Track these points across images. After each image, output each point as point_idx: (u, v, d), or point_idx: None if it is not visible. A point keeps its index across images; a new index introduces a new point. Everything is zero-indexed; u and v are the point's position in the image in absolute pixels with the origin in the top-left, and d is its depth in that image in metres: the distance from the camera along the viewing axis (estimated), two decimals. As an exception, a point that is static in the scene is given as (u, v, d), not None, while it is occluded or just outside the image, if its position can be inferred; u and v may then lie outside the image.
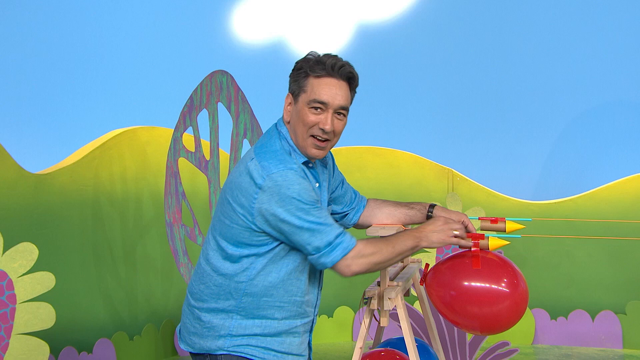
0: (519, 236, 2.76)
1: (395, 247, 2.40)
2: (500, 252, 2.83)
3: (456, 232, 2.46)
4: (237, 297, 2.39)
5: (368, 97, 6.78)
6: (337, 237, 2.34)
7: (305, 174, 2.43)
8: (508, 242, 2.68)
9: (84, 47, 6.47)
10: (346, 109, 2.43)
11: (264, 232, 2.35)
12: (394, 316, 3.92)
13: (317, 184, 2.49)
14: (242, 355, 2.40)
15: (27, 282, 3.58)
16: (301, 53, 7.95)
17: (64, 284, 4.16)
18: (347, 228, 2.80)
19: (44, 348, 3.65)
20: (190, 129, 4.37)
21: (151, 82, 6.24)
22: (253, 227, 2.34)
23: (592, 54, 6.59)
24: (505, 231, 2.73)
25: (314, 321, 2.56)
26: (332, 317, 5.81)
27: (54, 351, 4.11)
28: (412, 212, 2.75)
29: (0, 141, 3.88)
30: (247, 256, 2.38)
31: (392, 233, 2.62)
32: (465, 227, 2.69)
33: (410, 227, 2.84)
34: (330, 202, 2.70)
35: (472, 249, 2.63)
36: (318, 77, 2.38)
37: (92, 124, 6.00)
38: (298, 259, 2.42)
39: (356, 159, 5.80)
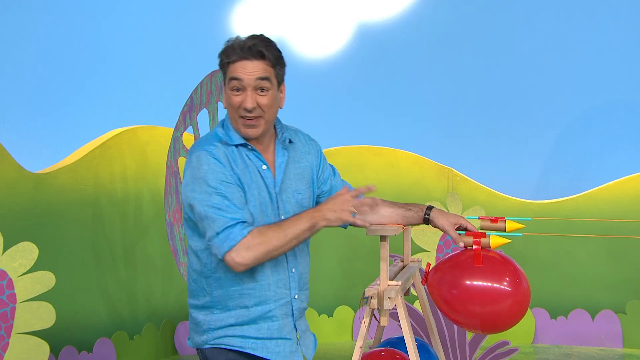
0: (520, 234, 2.76)
1: (288, 232, 2.38)
2: (500, 252, 2.83)
3: (353, 209, 2.40)
4: (210, 292, 2.44)
5: (368, 97, 6.79)
6: (225, 228, 2.33)
7: (238, 156, 2.43)
8: (509, 241, 2.68)
9: (84, 46, 6.47)
10: (265, 82, 2.44)
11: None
12: (394, 315, 3.92)
13: (265, 166, 2.47)
14: (223, 346, 2.44)
15: (27, 281, 3.58)
16: (302, 53, 7.94)
17: (64, 283, 4.16)
18: (344, 228, 2.77)
19: (44, 347, 3.65)
20: (190, 128, 4.37)
21: (151, 82, 6.23)
22: (191, 216, 2.40)
23: (593, 53, 6.59)
24: (505, 230, 2.73)
25: (299, 301, 2.52)
26: (332, 316, 5.81)
27: (54, 350, 4.11)
28: (409, 214, 2.73)
29: (0, 141, 3.88)
30: (203, 249, 2.42)
31: (392, 233, 2.62)
32: (465, 228, 2.69)
33: (410, 227, 2.85)
34: (320, 196, 2.67)
35: (474, 247, 2.64)
36: (233, 62, 2.42)
37: (92, 123, 6.00)
38: None
39: (356, 158, 5.80)
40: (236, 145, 2.44)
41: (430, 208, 2.71)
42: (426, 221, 2.70)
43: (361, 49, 6.76)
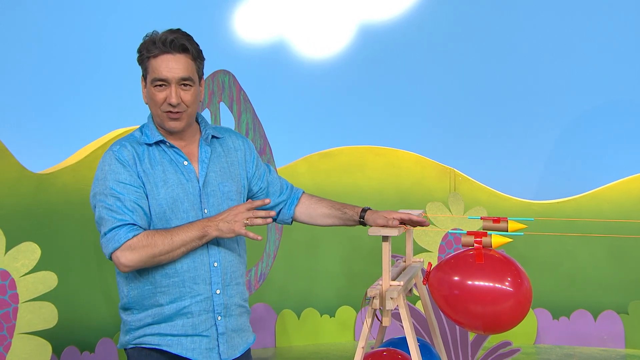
0: (522, 234, 2.76)
1: (175, 239, 2.37)
2: (502, 252, 2.83)
3: (246, 222, 2.39)
4: (127, 294, 2.48)
5: (369, 97, 6.79)
6: (112, 229, 2.36)
7: (158, 153, 2.45)
8: (511, 240, 2.68)
9: (85, 46, 6.47)
10: (189, 79, 2.45)
11: None
12: (396, 316, 3.92)
13: (186, 162, 2.48)
14: (143, 346, 2.47)
15: (29, 281, 3.58)
16: (303, 53, 7.92)
17: (66, 283, 4.16)
18: (288, 224, 2.77)
19: (46, 347, 3.65)
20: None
21: (153, 82, 6.23)
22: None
23: (595, 53, 6.59)
24: (507, 231, 2.72)
25: (225, 297, 2.49)
26: (334, 317, 5.81)
27: (56, 351, 4.11)
28: (345, 216, 2.70)
29: (2, 141, 3.88)
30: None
31: (394, 234, 2.62)
32: (410, 220, 2.61)
33: (412, 228, 2.84)
34: (258, 193, 2.68)
35: (475, 245, 2.63)
36: (155, 56, 2.44)
37: (93, 123, 6.00)
38: None
39: (357, 158, 5.79)
40: (155, 143, 2.47)
41: (365, 210, 2.68)
42: (362, 224, 2.68)
43: (362, 49, 6.76)
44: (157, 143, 2.48)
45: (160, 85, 2.44)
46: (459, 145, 6.60)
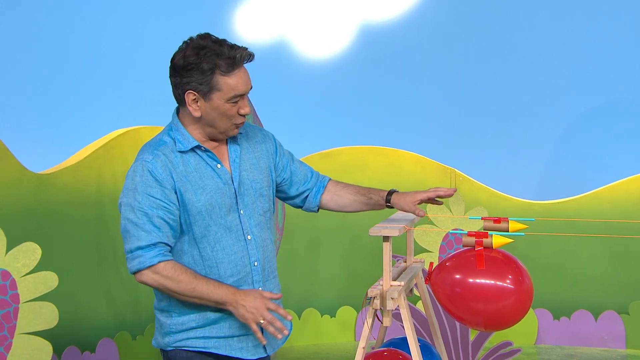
0: (522, 234, 2.76)
1: (197, 289, 2.36)
2: (503, 250, 2.83)
3: (262, 321, 2.35)
4: (167, 296, 2.46)
5: (370, 97, 6.79)
6: (137, 248, 2.35)
7: (192, 159, 2.42)
8: (512, 240, 2.68)
9: (86, 46, 6.47)
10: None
11: None
12: (396, 316, 3.92)
13: (219, 165, 2.47)
14: (185, 348, 2.46)
15: (30, 281, 3.58)
16: (303, 53, 7.91)
17: (67, 283, 4.16)
18: (314, 212, 2.76)
19: (46, 348, 3.65)
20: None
21: (153, 82, 6.22)
22: None
23: (595, 53, 6.58)
24: (508, 231, 2.73)
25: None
26: (334, 317, 5.80)
27: (57, 351, 4.11)
28: (371, 202, 2.70)
29: (3, 141, 3.88)
30: None
31: (395, 234, 2.62)
32: (428, 198, 2.63)
33: (413, 228, 2.84)
34: (282, 183, 2.68)
35: (476, 248, 2.64)
36: (229, 73, 2.38)
37: (94, 123, 6.01)
38: (186, 247, 2.43)
39: (358, 158, 5.79)
40: (190, 150, 2.43)
41: (391, 193, 2.68)
42: (389, 206, 2.68)
43: (363, 49, 6.75)
44: (192, 149, 2.45)
45: (235, 101, 2.41)
46: (460, 145, 6.59)
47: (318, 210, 2.77)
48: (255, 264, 2.48)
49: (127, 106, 6.31)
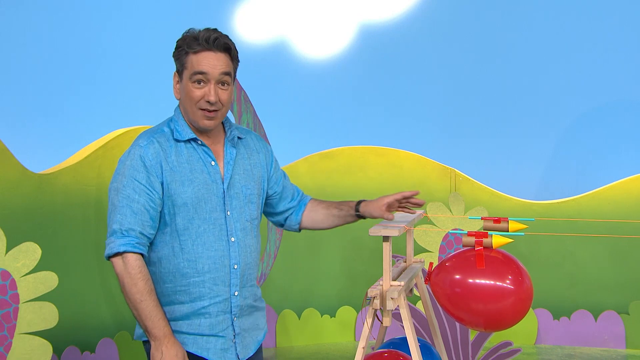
0: (522, 234, 2.76)
1: (143, 303, 2.37)
2: (503, 251, 2.83)
3: None
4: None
5: (370, 97, 6.79)
6: (113, 234, 2.40)
7: (185, 150, 2.44)
8: (512, 240, 2.68)
9: (86, 46, 6.47)
10: (229, 74, 2.45)
11: None
12: (396, 316, 3.92)
13: (213, 162, 2.48)
14: None
15: (30, 281, 3.58)
16: (303, 53, 7.90)
17: (67, 283, 4.16)
18: (297, 232, 2.78)
19: (46, 348, 3.65)
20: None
21: (153, 82, 6.23)
22: None
23: (596, 53, 6.59)
24: (508, 231, 2.73)
25: (241, 298, 2.50)
26: (334, 317, 5.81)
27: (57, 351, 4.11)
28: (342, 213, 2.72)
29: (3, 141, 3.88)
30: None
31: (394, 234, 2.62)
32: (402, 198, 2.63)
33: (413, 228, 2.84)
34: (273, 196, 2.69)
35: (476, 248, 2.64)
36: (196, 52, 2.42)
37: (94, 123, 6.01)
38: (167, 238, 2.44)
39: (358, 158, 5.79)
40: (186, 141, 2.45)
41: (359, 203, 2.69)
42: (360, 217, 2.70)
43: (363, 49, 6.76)
44: (188, 140, 2.47)
45: (198, 82, 2.42)
46: (460, 145, 6.60)
47: (300, 229, 2.77)
48: (235, 267, 2.49)
49: (127, 106, 6.31)
